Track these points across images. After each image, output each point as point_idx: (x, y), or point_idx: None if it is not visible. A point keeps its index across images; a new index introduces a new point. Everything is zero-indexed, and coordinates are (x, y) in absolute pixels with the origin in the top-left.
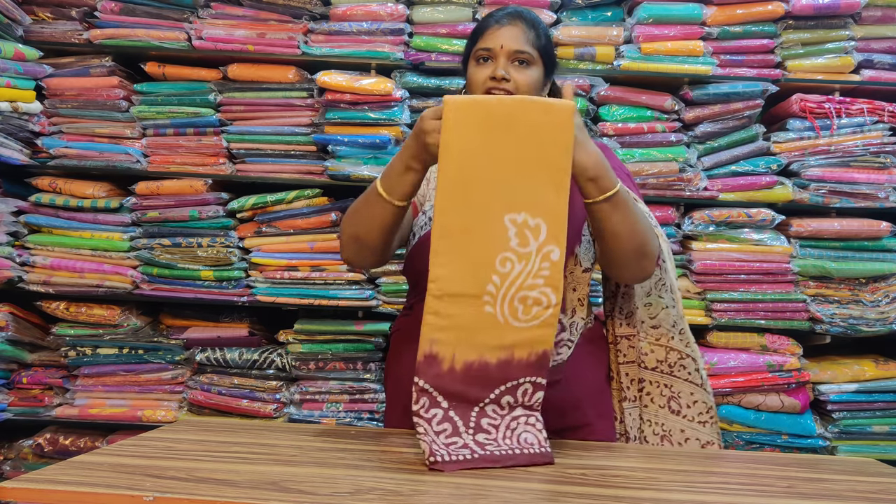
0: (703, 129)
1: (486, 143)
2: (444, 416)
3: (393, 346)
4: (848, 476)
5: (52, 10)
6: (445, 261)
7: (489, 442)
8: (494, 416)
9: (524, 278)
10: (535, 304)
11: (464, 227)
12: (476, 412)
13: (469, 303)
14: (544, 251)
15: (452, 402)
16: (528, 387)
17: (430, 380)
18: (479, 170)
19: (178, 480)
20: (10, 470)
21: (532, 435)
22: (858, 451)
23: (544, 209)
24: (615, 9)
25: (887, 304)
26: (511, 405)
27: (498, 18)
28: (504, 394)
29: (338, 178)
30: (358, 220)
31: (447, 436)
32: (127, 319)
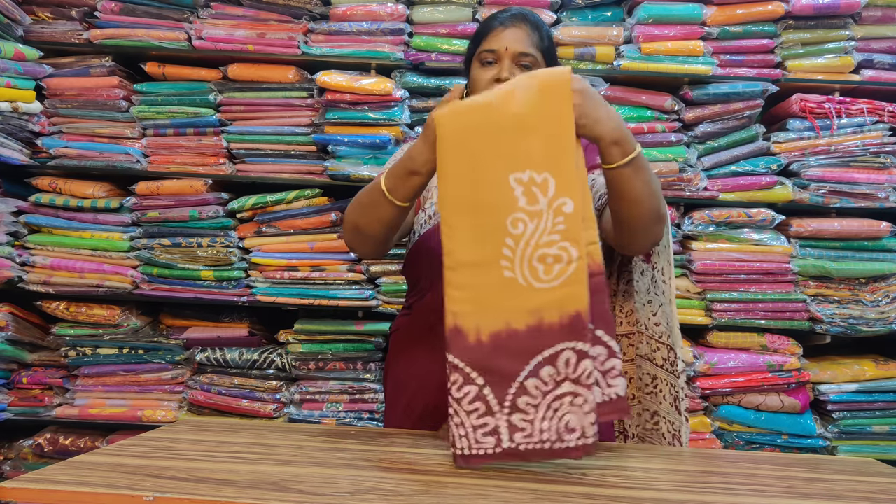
0: (703, 129)
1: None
2: (478, 395)
3: (392, 346)
4: (848, 476)
5: (52, 10)
6: (455, 232)
7: (524, 426)
8: (536, 393)
9: (539, 236)
10: (556, 262)
11: (469, 195)
12: (515, 389)
13: (486, 270)
14: (556, 205)
15: (487, 378)
16: (569, 355)
17: (458, 354)
18: (479, 139)
19: (178, 480)
20: (10, 470)
21: (577, 418)
22: (858, 451)
23: (550, 163)
24: (615, 9)
25: (887, 304)
26: (555, 379)
27: (502, 20)
28: (542, 364)
29: (338, 178)
30: (360, 211)
31: (478, 416)
32: (127, 319)
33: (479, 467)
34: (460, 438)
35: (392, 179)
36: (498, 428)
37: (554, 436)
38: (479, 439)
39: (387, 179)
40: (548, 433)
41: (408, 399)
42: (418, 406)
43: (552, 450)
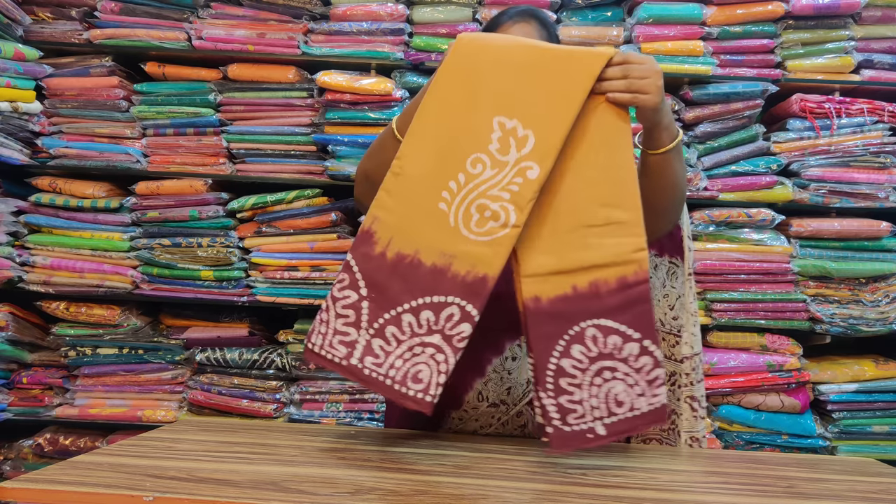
0: (703, 129)
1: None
2: (355, 304)
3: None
4: (848, 476)
5: (52, 10)
6: (416, 141)
7: (378, 354)
8: (406, 329)
9: (490, 186)
10: (493, 219)
11: (449, 115)
12: (390, 315)
13: (425, 192)
14: (522, 165)
15: (371, 294)
16: (454, 311)
17: (358, 258)
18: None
19: (178, 480)
20: (10, 470)
21: (428, 372)
22: (858, 451)
23: (541, 124)
24: (615, 9)
25: (887, 304)
26: (430, 326)
27: (511, 15)
28: (426, 307)
29: (338, 178)
30: (371, 157)
31: (345, 322)
32: (127, 319)
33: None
34: (318, 335)
35: (403, 119)
36: (356, 342)
37: (400, 377)
38: (333, 344)
39: (399, 119)
40: (396, 371)
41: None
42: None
43: (391, 388)
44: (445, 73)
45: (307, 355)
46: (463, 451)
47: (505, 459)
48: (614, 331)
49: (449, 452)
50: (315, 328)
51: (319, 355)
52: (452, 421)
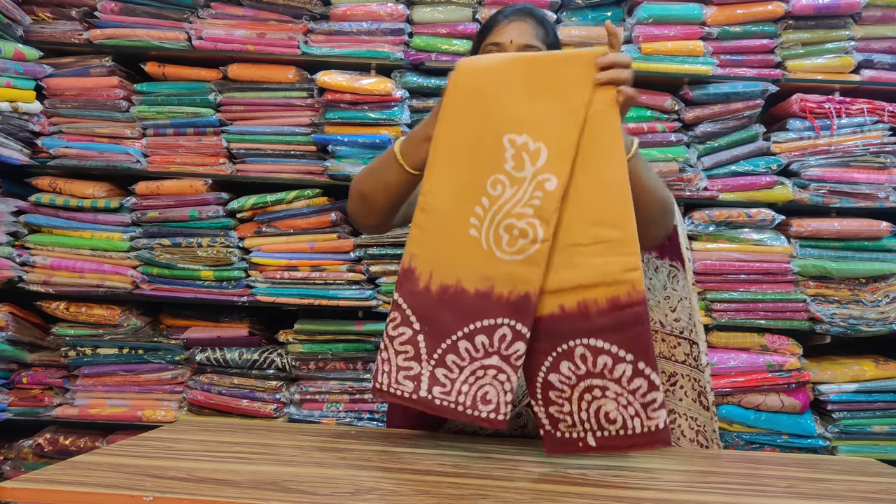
0: (703, 129)
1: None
2: (411, 339)
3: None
4: (848, 476)
5: (52, 10)
6: (436, 175)
7: (444, 382)
8: (465, 355)
9: (513, 205)
10: (522, 236)
11: (462, 143)
12: (447, 344)
13: (455, 221)
14: (539, 178)
15: (424, 326)
16: (506, 331)
17: (404, 295)
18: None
19: (178, 480)
20: (10, 470)
21: (495, 392)
22: (858, 451)
23: (549, 135)
24: (615, 9)
25: (887, 304)
26: (486, 349)
27: (507, 14)
28: (479, 332)
29: (338, 178)
30: (369, 177)
31: (406, 358)
32: (127, 319)
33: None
34: (383, 374)
35: (407, 144)
36: (420, 375)
37: (469, 401)
38: (399, 380)
39: (401, 144)
40: (464, 397)
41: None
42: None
43: (464, 414)
44: (450, 101)
45: (376, 394)
46: (463, 451)
47: (505, 459)
48: (604, 351)
49: (449, 452)
50: (378, 368)
51: (388, 393)
52: (453, 422)
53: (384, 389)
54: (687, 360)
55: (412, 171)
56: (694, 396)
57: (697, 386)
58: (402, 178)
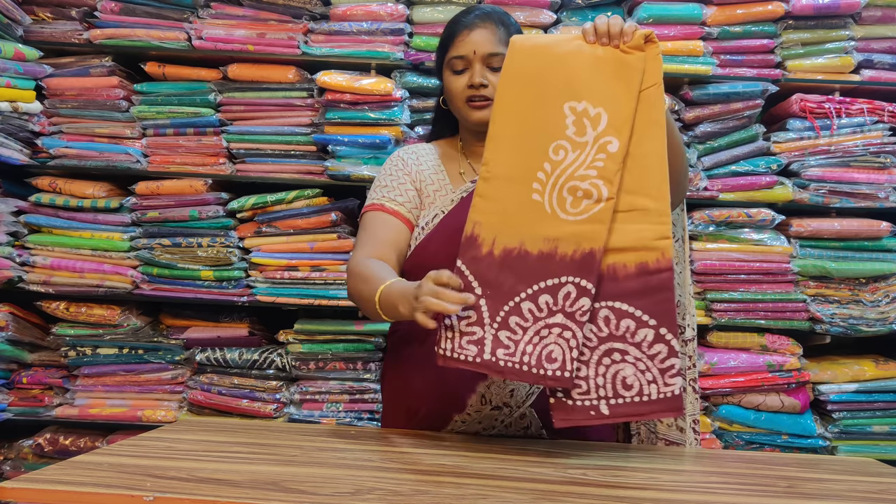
0: (703, 129)
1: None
2: (474, 304)
3: (391, 350)
4: (848, 476)
5: (52, 10)
6: (498, 145)
7: (508, 344)
8: (528, 316)
9: (576, 168)
10: (586, 197)
11: (522, 111)
12: (509, 307)
13: (517, 187)
14: (601, 141)
15: (487, 291)
16: (570, 289)
17: (467, 262)
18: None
19: (178, 480)
20: (10, 470)
21: (560, 351)
22: (858, 451)
23: (608, 99)
24: (615, 9)
25: (887, 304)
26: (550, 308)
27: (466, 23)
28: (542, 291)
29: (338, 178)
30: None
31: (468, 323)
32: (127, 319)
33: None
34: (446, 340)
35: (385, 302)
36: (484, 339)
37: (535, 361)
38: (463, 345)
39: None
40: (529, 356)
41: (408, 404)
42: (421, 411)
43: (530, 373)
44: (508, 76)
45: (440, 361)
46: (463, 451)
47: (505, 459)
48: (629, 314)
49: (449, 452)
50: (441, 335)
51: (452, 358)
52: (455, 423)
53: (447, 355)
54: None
55: (387, 319)
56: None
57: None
58: (378, 317)
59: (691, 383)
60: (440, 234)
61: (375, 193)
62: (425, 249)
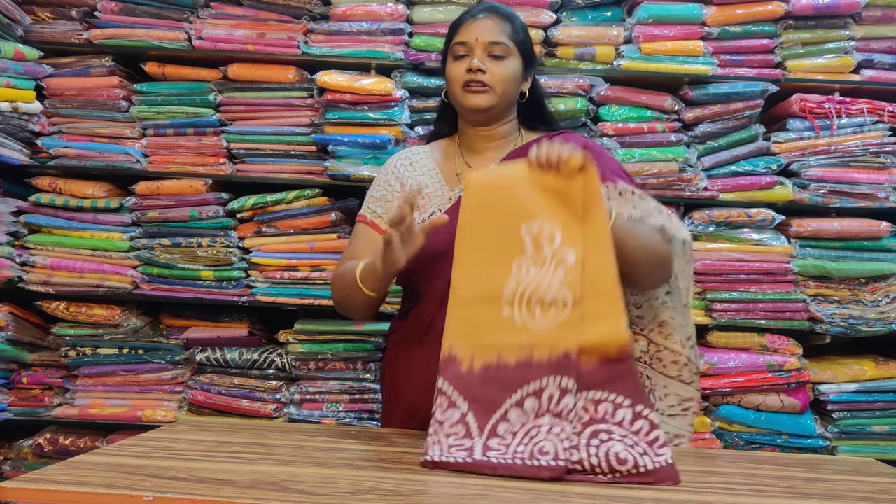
0: (703, 129)
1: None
2: (460, 419)
3: (390, 350)
4: (848, 476)
5: (52, 10)
6: (464, 271)
7: (499, 447)
8: (516, 422)
9: (539, 282)
10: (553, 306)
11: (482, 239)
12: (497, 417)
13: (487, 307)
14: (559, 255)
15: (473, 406)
16: (553, 391)
17: (449, 379)
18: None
19: (178, 480)
20: (10, 470)
21: (552, 445)
22: (858, 451)
23: (558, 217)
24: (615, 9)
25: (887, 304)
26: (537, 411)
27: (473, 13)
28: (527, 397)
29: (338, 178)
30: (341, 294)
31: (457, 438)
32: (127, 319)
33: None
34: (435, 447)
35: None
36: (473, 447)
37: (527, 455)
38: (452, 452)
39: (361, 272)
40: (521, 452)
41: (408, 403)
42: (421, 410)
43: (524, 466)
44: (467, 209)
45: (426, 465)
46: None
47: None
48: (604, 399)
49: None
50: (428, 445)
51: (440, 462)
52: None
53: (435, 460)
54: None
55: (373, 295)
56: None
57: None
58: (365, 298)
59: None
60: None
61: (367, 204)
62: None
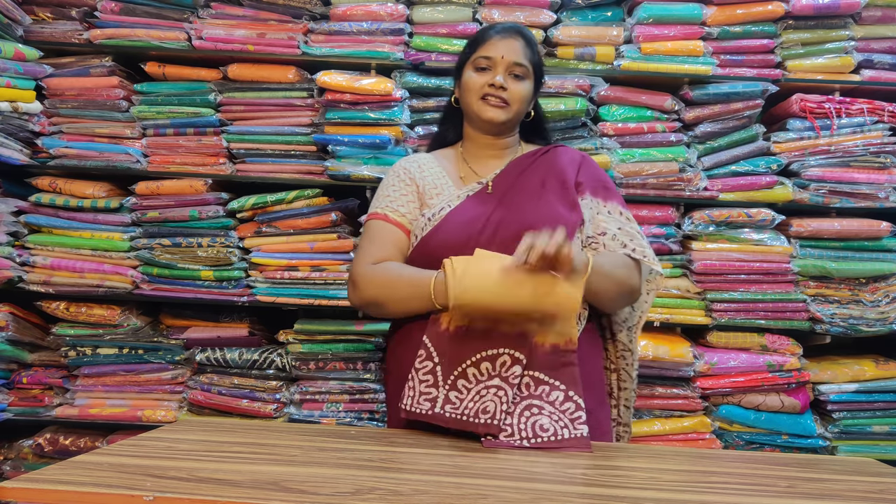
0: (703, 129)
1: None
2: (432, 369)
3: (391, 351)
4: (848, 476)
5: (52, 10)
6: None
7: (455, 401)
8: (472, 379)
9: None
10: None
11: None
12: (457, 372)
13: None
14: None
15: (442, 360)
16: (506, 359)
17: (430, 336)
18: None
19: (178, 480)
20: (10, 470)
21: (494, 405)
22: (858, 451)
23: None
24: (615, 9)
25: (887, 304)
26: (489, 373)
27: (499, 31)
28: (483, 360)
29: (338, 178)
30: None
31: (427, 385)
32: (127, 319)
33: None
34: (408, 398)
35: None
36: (437, 398)
37: (472, 413)
38: (419, 402)
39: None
40: (468, 410)
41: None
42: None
43: (468, 422)
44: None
45: (403, 414)
46: (463, 451)
47: (505, 459)
48: (545, 382)
49: (449, 452)
50: (405, 394)
51: (412, 412)
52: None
53: (409, 409)
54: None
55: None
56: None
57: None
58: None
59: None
60: (446, 226)
61: (379, 203)
62: (431, 240)
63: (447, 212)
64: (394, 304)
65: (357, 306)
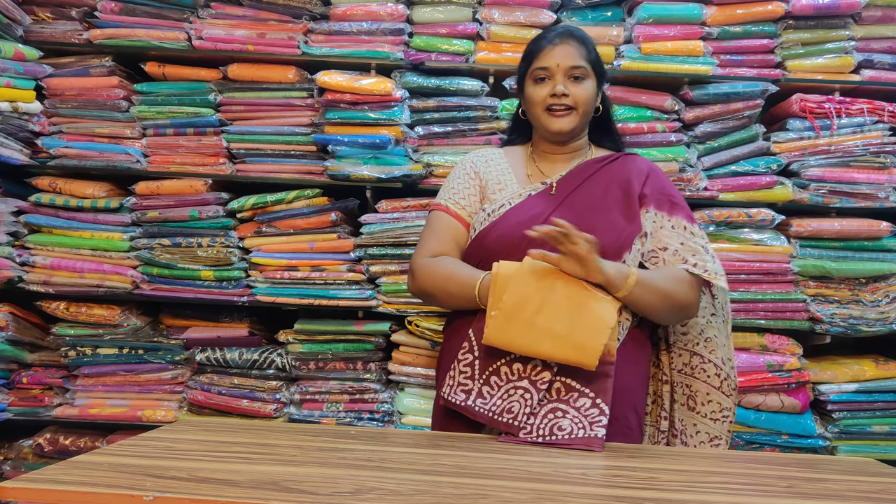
0: (703, 129)
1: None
2: (471, 362)
3: (445, 337)
4: (848, 476)
5: (52, 10)
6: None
7: (487, 396)
8: (503, 377)
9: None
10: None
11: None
12: (492, 368)
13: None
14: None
15: (481, 354)
16: (537, 363)
17: (475, 329)
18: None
19: (178, 480)
20: (10, 470)
21: (518, 406)
22: (858, 451)
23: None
24: (615, 9)
25: (887, 304)
26: (520, 374)
27: (551, 39)
28: (516, 360)
29: (338, 178)
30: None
31: (465, 377)
32: (127, 319)
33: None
34: (447, 387)
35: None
36: (472, 390)
37: (498, 410)
38: (456, 393)
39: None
40: (495, 407)
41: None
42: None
43: (492, 419)
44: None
45: (441, 402)
46: (463, 451)
47: (505, 459)
48: (575, 388)
49: (449, 452)
50: (444, 382)
51: (448, 401)
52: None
53: (446, 398)
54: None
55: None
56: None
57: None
58: (474, 307)
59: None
60: (505, 223)
61: (444, 193)
62: (488, 235)
63: (507, 209)
64: (445, 298)
65: (413, 294)
